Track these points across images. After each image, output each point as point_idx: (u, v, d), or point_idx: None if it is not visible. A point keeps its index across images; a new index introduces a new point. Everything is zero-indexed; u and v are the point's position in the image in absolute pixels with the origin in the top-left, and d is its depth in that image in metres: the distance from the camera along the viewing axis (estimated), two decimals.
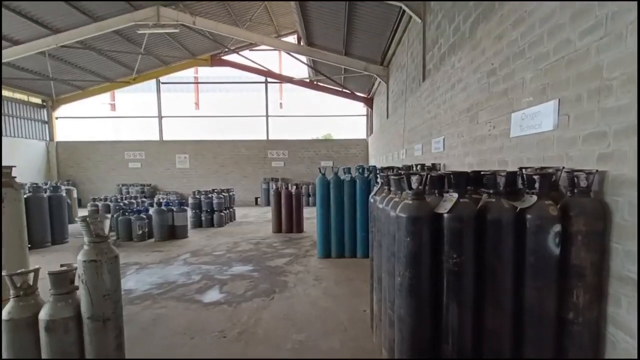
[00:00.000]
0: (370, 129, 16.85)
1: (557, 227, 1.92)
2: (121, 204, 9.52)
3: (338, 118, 18.25)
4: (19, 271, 2.19)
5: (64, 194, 8.97)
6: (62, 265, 2.24)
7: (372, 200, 3.19)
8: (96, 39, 12.59)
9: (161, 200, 9.85)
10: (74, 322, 2.17)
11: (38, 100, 16.46)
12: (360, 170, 6.22)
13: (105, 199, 10.12)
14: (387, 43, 10.05)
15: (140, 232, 8.12)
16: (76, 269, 2.21)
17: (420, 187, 2.14)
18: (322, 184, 6.16)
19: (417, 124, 6.97)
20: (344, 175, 6.19)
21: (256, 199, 16.84)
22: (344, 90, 16.62)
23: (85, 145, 17.16)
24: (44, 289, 2.38)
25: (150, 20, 11.51)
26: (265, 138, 17.22)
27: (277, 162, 17.00)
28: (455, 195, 2.05)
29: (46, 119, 16.91)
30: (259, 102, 17.34)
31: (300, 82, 16.99)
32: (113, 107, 18.01)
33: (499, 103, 3.33)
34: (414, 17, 7.14)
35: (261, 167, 16.99)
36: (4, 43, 11.56)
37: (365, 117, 17.81)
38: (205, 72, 17.83)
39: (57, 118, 17.29)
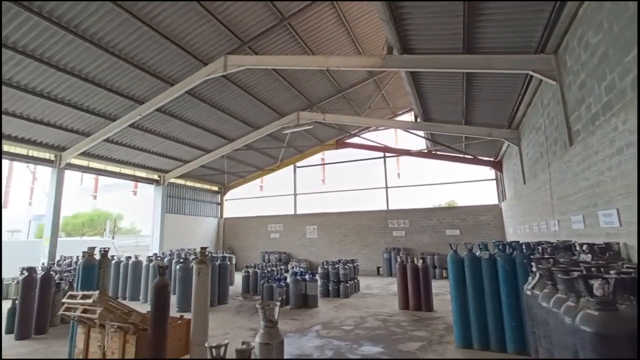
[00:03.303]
0: (502, 194, 14.86)
1: None
2: (265, 271, 10.14)
3: (461, 185, 16.36)
4: (215, 344, 2.33)
5: (229, 263, 10.08)
6: (243, 344, 2.33)
7: (529, 293, 2.59)
8: (255, 141, 15.44)
9: (295, 270, 10.18)
10: None
11: (215, 188, 20.40)
12: (499, 247, 5.17)
13: (254, 266, 11.00)
14: (514, 107, 9.11)
15: (280, 298, 8.40)
16: (253, 348, 2.26)
17: (607, 293, 1.60)
18: (455, 262, 5.28)
19: (569, 192, 5.61)
20: (480, 252, 5.22)
21: (378, 268, 16.17)
22: (466, 156, 15.59)
23: (241, 220, 19.92)
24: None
25: (292, 122, 13.69)
26: (385, 208, 16.96)
27: (398, 232, 16.30)
28: None
29: (219, 201, 20.58)
30: (378, 175, 17.50)
31: (418, 154, 16.71)
32: (261, 188, 20.54)
33: None
34: (546, 81, 6.42)
35: (382, 237, 16.51)
36: (200, 151, 15.60)
37: (494, 181, 15.54)
38: (331, 153, 19.19)
39: (226, 200, 20.85)
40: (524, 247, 5.04)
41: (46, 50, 8.16)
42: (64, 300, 4.69)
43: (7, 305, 6.80)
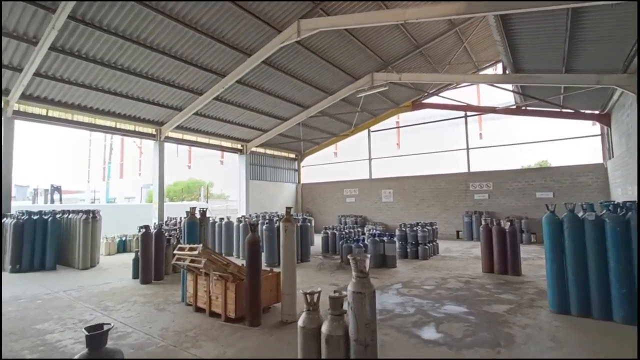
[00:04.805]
0: (609, 152, 12.65)
1: None
2: (343, 232, 10.45)
3: (555, 143, 14.26)
4: (309, 291, 2.52)
5: (309, 224, 10.60)
6: (335, 292, 2.46)
7: None
8: (329, 107, 15.44)
9: (373, 232, 10.30)
10: (344, 341, 2.30)
11: (292, 155, 21.19)
12: (609, 208, 4.50)
13: (332, 228, 11.40)
14: (634, 46, 7.59)
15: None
16: (346, 296, 2.38)
17: None
18: (552, 223, 4.76)
19: None
20: (583, 213, 4.63)
21: (457, 232, 15.52)
22: (564, 110, 13.64)
23: (318, 185, 20.56)
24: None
25: (366, 85, 13.36)
26: (466, 171, 15.91)
27: (480, 195, 15.27)
28: None
29: (296, 168, 21.41)
30: (457, 136, 16.34)
31: (505, 111, 15.08)
32: (336, 154, 20.76)
33: None
34: None
35: (462, 200, 15.65)
36: (278, 120, 16.09)
37: (598, 137, 13.32)
38: (405, 116, 18.33)
39: (302, 167, 21.62)
40: None
41: (141, 32, 9.03)
42: (175, 252, 5.44)
43: (131, 256, 8.12)
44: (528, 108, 14.42)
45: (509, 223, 7.59)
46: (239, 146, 17.53)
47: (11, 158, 10.13)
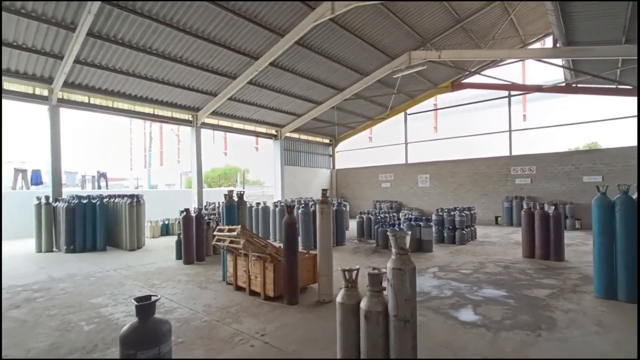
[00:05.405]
0: None
1: None
2: (378, 217, 10.46)
3: (609, 123, 13.29)
4: (347, 268, 2.62)
5: (344, 208, 10.69)
6: (374, 269, 2.53)
7: None
8: (364, 89, 15.22)
9: (409, 216, 10.22)
10: (383, 317, 2.39)
11: (327, 141, 21.30)
12: None
13: (367, 213, 11.43)
14: None
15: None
16: (385, 273, 2.45)
17: None
18: (602, 206, 4.54)
19: None
20: (637, 196, 4.38)
21: (496, 217, 15.02)
22: (620, 87, 12.61)
23: (352, 170, 20.60)
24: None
25: (403, 65, 13.02)
26: (507, 154, 15.23)
27: (522, 179, 14.61)
28: None
29: (331, 153, 21.54)
30: (498, 119, 15.60)
31: (553, 89, 14.17)
32: (370, 139, 20.58)
33: None
34: None
35: (502, 185, 15.07)
36: (312, 104, 16.03)
37: None
38: (443, 98, 17.71)
39: (337, 152, 21.70)
40: None
41: (174, 14, 9.27)
42: (214, 233, 5.73)
43: (174, 239, 8.62)
44: (579, 85, 13.45)
45: (553, 207, 7.27)
46: (274, 131, 17.82)
47: (59, 145, 10.96)
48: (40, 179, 17.17)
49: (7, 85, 10.09)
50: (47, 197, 9.83)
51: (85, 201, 9.58)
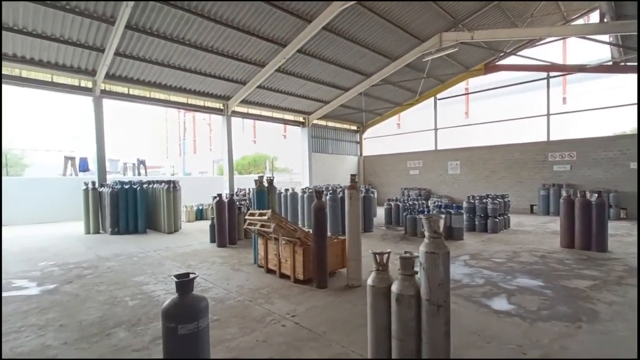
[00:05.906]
0: None
1: None
2: (407, 204, 10.31)
3: None
4: (378, 251, 2.61)
5: (372, 195, 10.63)
6: (405, 252, 2.51)
7: None
8: (392, 74, 14.87)
9: (438, 203, 9.98)
10: (415, 300, 2.37)
11: (354, 127, 21.07)
12: None
13: (396, 200, 11.31)
14: None
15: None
16: (417, 257, 2.42)
17: None
18: None
19: None
20: None
21: (531, 206, 14.37)
22: None
23: (380, 157, 20.30)
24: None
25: (433, 47, 12.58)
26: (545, 139, 14.44)
27: (560, 166, 13.83)
28: None
29: (358, 140, 21.32)
30: (535, 102, 14.76)
31: (598, 68, 13.18)
32: (399, 125, 20.15)
33: None
34: None
35: (539, 172, 14.34)
36: (339, 90, 15.81)
37: None
38: (475, 82, 16.95)
39: (364, 139, 21.46)
40: None
41: (205, 4, 9.43)
42: (246, 217, 5.87)
43: (208, 223, 8.92)
44: (628, 64, 12.43)
45: (596, 195, 6.84)
46: (301, 119, 17.85)
47: (103, 134, 11.54)
48: (87, 166, 18.27)
49: (56, 78, 10.75)
50: (93, 183, 10.43)
51: (127, 187, 10.08)
